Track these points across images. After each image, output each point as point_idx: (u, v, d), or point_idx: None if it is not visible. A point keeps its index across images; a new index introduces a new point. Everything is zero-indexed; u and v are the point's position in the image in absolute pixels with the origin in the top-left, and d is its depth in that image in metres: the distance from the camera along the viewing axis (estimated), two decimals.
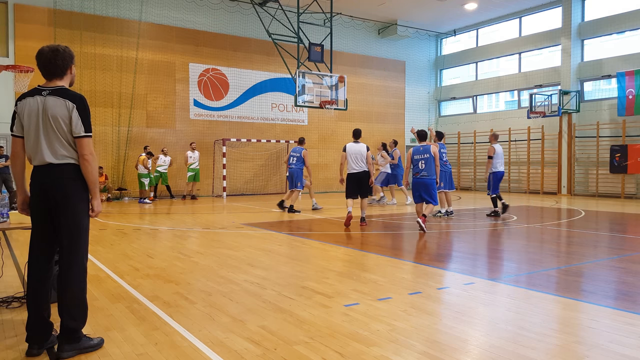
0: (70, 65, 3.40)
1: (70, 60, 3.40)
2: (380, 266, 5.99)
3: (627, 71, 16.86)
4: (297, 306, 4.27)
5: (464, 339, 3.49)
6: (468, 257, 6.75)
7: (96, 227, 9.45)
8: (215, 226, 9.77)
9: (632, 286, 5.00)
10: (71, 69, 3.42)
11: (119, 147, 16.74)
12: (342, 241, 7.97)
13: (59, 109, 3.22)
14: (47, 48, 3.32)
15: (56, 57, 3.30)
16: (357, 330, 3.65)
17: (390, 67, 23.05)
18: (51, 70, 3.33)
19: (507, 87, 21.63)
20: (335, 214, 11.83)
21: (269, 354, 3.21)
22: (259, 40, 19.21)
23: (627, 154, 17.00)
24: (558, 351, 3.26)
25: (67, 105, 3.24)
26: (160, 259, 6.46)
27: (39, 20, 15.40)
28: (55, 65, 3.31)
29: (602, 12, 18.38)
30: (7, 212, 3.96)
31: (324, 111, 17.77)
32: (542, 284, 5.20)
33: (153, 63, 17.34)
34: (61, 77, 3.38)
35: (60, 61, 3.32)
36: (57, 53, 3.31)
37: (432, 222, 10.17)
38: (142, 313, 4.10)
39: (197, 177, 16.62)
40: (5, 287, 4.92)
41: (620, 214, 12.25)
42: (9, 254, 6.57)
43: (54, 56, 3.30)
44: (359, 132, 9.97)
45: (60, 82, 3.37)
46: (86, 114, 3.29)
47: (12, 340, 3.51)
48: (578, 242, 7.94)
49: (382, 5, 19.95)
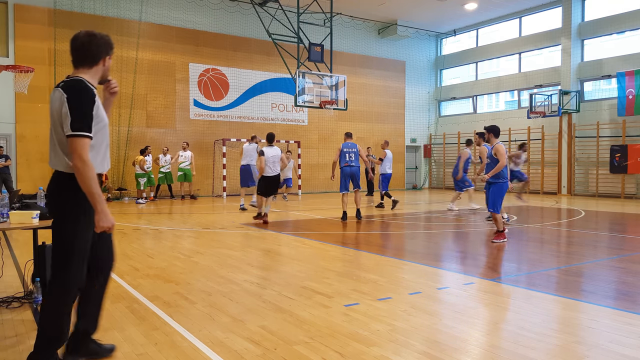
0: (105, 57, 2.92)
1: (106, 49, 2.93)
2: (380, 266, 5.99)
3: (627, 71, 16.86)
4: (297, 306, 4.27)
5: (464, 339, 3.49)
6: (468, 257, 6.75)
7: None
8: (215, 226, 9.77)
9: (632, 286, 5.00)
10: (104, 60, 2.93)
11: (119, 147, 16.74)
12: (342, 241, 7.97)
13: (56, 104, 2.76)
14: (84, 32, 2.89)
15: (91, 43, 2.86)
16: (357, 330, 3.65)
17: (390, 67, 23.05)
18: (80, 57, 2.87)
19: (507, 87, 21.63)
20: (335, 214, 11.82)
21: (269, 354, 3.21)
22: (259, 40, 19.20)
23: (627, 154, 16.99)
24: (558, 351, 3.26)
25: (61, 97, 2.72)
26: (160, 259, 6.46)
27: (39, 20, 15.39)
28: (87, 51, 2.86)
29: (602, 12, 18.38)
30: (7, 212, 3.96)
31: (324, 111, 17.77)
32: (542, 284, 5.20)
33: (153, 63, 17.34)
34: (89, 67, 2.88)
35: (95, 48, 2.87)
36: (94, 38, 2.87)
37: (432, 222, 10.17)
38: (142, 313, 4.10)
39: (188, 177, 16.47)
40: (5, 287, 4.92)
41: (620, 214, 12.25)
42: (9, 254, 6.57)
43: (88, 41, 2.86)
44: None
45: (86, 73, 2.88)
46: (79, 107, 2.69)
47: (12, 340, 3.51)
48: (578, 242, 7.94)
49: (382, 5, 19.95)
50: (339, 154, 10.69)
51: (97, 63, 2.90)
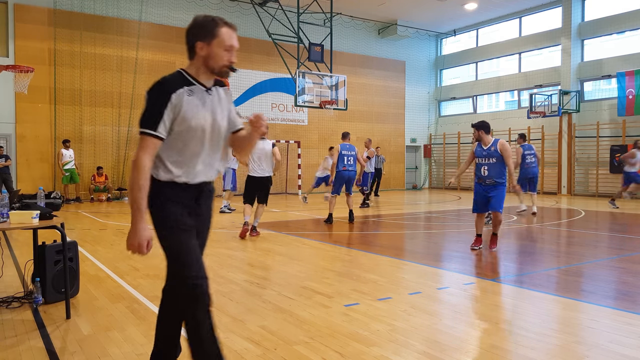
0: (195, 42, 2.47)
1: (194, 34, 2.48)
2: (380, 266, 5.99)
3: (627, 71, 16.85)
4: (297, 306, 4.27)
5: (464, 339, 3.49)
6: (468, 257, 6.75)
7: (96, 227, 9.45)
8: (215, 226, 9.77)
9: (632, 286, 5.00)
10: (196, 46, 2.47)
11: (119, 147, 16.74)
12: (342, 241, 7.97)
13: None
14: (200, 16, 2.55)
15: (188, 30, 2.52)
16: (357, 330, 3.65)
17: (390, 67, 23.05)
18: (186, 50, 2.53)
19: (507, 87, 21.63)
20: (334, 214, 11.81)
21: (269, 354, 3.21)
22: (259, 40, 19.19)
23: None
24: (558, 351, 3.26)
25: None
26: (161, 259, 6.41)
27: (39, 20, 15.39)
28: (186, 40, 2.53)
29: (602, 12, 18.37)
30: (7, 212, 3.95)
31: (324, 111, 17.77)
32: (542, 284, 5.20)
33: (153, 63, 17.33)
34: (190, 58, 2.54)
35: (189, 35, 2.51)
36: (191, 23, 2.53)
37: (432, 222, 10.16)
38: (142, 313, 4.09)
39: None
40: (6, 287, 4.92)
41: (620, 214, 12.25)
42: (9, 254, 6.57)
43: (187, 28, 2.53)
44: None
45: (189, 65, 2.55)
46: (147, 101, 2.44)
47: (12, 340, 3.51)
48: (578, 242, 7.94)
49: (382, 5, 19.94)
50: (337, 156, 10.07)
51: (194, 53, 2.49)
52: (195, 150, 2.49)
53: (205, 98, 2.51)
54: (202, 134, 2.48)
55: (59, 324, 3.83)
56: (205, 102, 2.50)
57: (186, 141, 2.46)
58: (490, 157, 6.83)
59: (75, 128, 15.98)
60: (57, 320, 3.93)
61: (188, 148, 2.47)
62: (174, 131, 2.44)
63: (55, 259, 4.36)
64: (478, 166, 6.97)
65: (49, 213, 4.09)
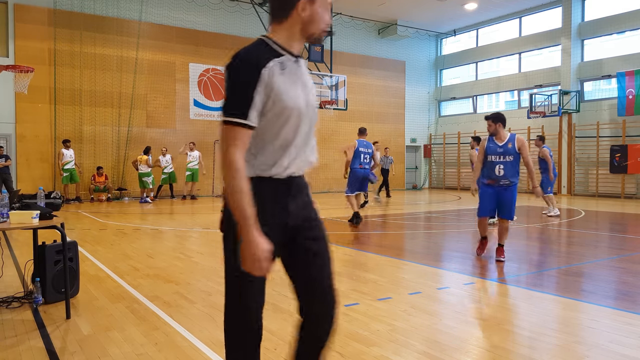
0: (296, 3, 1.92)
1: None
2: (380, 266, 5.99)
3: (627, 71, 16.86)
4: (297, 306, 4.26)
5: (464, 339, 3.49)
6: (468, 257, 6.75)
7: (96, 227, 9.45)
8: (216, 226, 9.75)
9: (632, 286, 5.00)
10: (297, 6, 1.93)
11: (119, 147, 16.74)
12: (342, 241, 7.97)
13: None
14: None
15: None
16: (357, 330, 3.65)
17: (390, 67, 23.05)
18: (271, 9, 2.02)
19: (507, 87, 21.63)
20: (335, 214, 11.82)
21: (269, 354, 3.21)
22: None
23: (627, 154, 16.99)
24: (558, 351, 3.26)
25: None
26: (161, 259, 6.46)
27: (39, 20, 15.39)
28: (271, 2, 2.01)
29: (602, 12, 18.38)
30: (7, 212, 3.96)
31: (324, 111, 17.79)
32: (542, 284, 5.20)
33: (153, 63, 17.34)
34: (279, 22, 1.98)
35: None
36: None
37: (432, 222, 10.17)
38: (142, 313, 4.09)
39: (195, 177, 16.58)
40: (6, 287, 4.92)
41: (620, 214, 12.25)
42: (9, 254, 6.57)
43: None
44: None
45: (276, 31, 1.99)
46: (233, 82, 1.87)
47: (12, 340, 3.51)
48: (578, 242, 7.94)
49: (382, 5, 19.94)
50: (353, 150, 9.45)
51: (288, 15, 1.95)
52: (288, 137, 1.99)
53: (296, 71, 2.00)
54: (298, 116, 1.98)
55: (59, 324, 3.83)
56: (297, 77, 2.00)
57: (278, 127, 1.96)
58: (507, 155, 6.10)
59: (75, 128, 15.98)
60: (57, 320, 3.93)
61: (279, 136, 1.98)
62: (266, 117, 1.94)
63: (55, 259, 4.36)
64: (491, 165, 6.20)
65: (49, 213, 4.09)
